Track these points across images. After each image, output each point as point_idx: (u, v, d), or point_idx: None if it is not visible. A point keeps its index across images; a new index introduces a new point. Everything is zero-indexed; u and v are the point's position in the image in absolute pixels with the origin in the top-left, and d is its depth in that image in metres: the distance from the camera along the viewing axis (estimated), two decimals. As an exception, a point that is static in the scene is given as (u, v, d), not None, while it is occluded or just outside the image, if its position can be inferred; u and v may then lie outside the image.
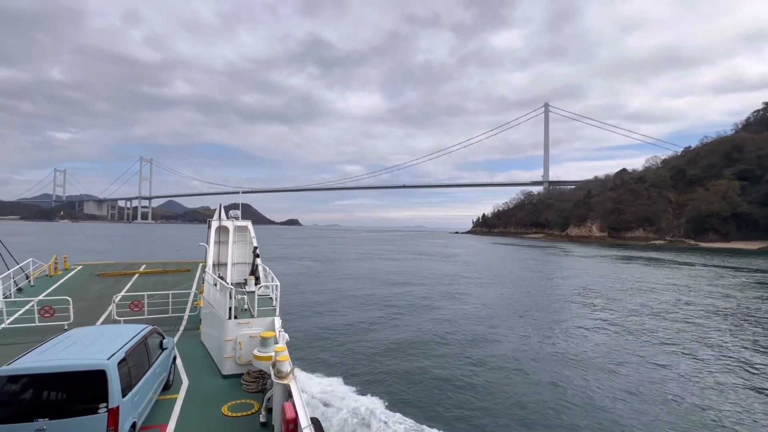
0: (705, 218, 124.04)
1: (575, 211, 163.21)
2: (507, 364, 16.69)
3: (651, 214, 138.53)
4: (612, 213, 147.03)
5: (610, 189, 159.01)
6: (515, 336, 20.97)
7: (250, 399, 8.69)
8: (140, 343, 7.68)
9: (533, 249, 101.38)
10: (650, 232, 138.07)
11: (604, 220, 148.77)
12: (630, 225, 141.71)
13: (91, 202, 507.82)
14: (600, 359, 17.47)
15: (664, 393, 14.06)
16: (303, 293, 32.35)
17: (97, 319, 13.65)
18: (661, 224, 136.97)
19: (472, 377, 15.22)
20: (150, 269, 20.34)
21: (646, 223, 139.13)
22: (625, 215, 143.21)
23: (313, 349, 18.30)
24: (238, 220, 16.79)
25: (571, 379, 15.19)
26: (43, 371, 6.01)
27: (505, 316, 25.47)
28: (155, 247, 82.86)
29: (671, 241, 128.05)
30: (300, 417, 6.13)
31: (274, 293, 11.81)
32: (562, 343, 19.73)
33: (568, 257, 75.21)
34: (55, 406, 5.91)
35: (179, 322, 13.98)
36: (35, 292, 15.51)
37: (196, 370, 10.19)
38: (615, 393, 13.96)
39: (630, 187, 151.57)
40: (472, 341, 19.93)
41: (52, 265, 18.80)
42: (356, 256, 69.75)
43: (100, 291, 16.66)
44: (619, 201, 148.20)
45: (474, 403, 13.20)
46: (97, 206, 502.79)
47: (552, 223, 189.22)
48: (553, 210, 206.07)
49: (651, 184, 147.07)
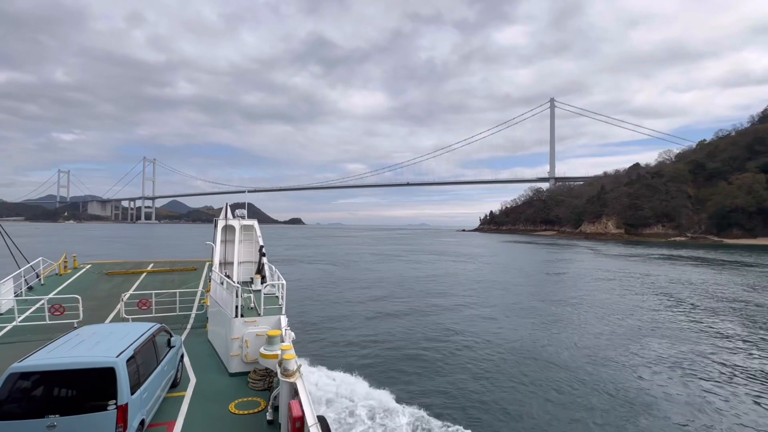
0: (728, 213, 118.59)
1: (589, 208, 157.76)
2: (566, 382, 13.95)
3: (670, 209, 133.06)
4: (629, 209, 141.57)
5: (625, 184, 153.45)
6: (577, 352, 16.72)
7: (256, 397, 8.64)
8: (148, 341, 7.63)
9: (553, 247, 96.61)
10: (669, 229, 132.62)
11: (620, 217, 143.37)
12: (648, 221, 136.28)
13: (95, 203, 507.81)
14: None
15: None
16: (326, 304, 27.96)
17: (105, 318, 13.71)
18: (681, 220, 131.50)
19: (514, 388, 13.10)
20: (157, 268, 20.36)
21: (665, 219, 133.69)
22: (642, 211, 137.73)
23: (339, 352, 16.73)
24: (244, 219, 16.63)
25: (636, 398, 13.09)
26: (54, 368, 6.02)
27: (553, 326, 21.13)
28: (156, 249, 78.87)
29: (693, 237, 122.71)
30: (306, 415, 6.08)
31: (280, 292, 11.83)
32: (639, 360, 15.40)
33: (598, 257, 70.48)
34: (65, 403, 5.92)
35: (186, 321, 13.95)
36: (46, 290, 15.73)
37: (203, 368, 10.18)
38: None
39: (647, 182, 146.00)
40: (531, 355, 16.35)
41: (62, 264, 18.93)
42: (374, 258, 64.97)
43: (109, 290, 16.72)
44: (636, 196, 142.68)
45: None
46: (101, 207, 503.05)
47: (564, 220, 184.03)
48: (563, 206, 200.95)
49: (669, 179, 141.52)
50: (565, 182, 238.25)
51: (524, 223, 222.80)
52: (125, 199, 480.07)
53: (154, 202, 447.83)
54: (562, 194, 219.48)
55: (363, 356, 16.80)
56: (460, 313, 25.23)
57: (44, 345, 6.88)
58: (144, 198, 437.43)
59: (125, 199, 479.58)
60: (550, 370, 15.40)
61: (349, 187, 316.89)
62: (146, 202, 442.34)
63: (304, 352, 15.37)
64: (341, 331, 20.65)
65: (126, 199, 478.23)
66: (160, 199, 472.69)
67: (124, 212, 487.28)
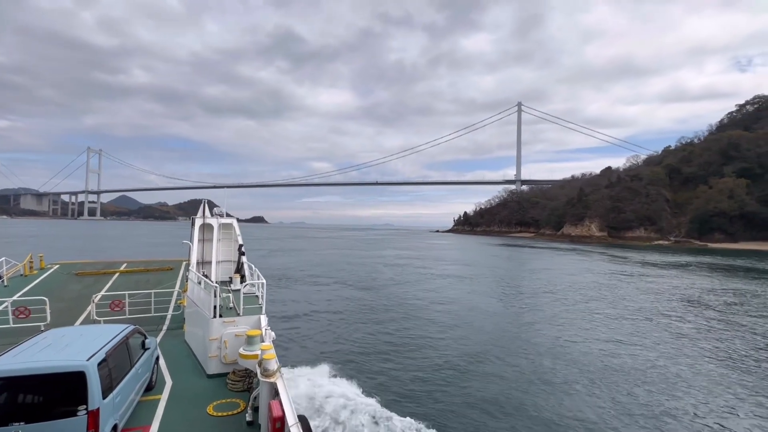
0: (711, 218, 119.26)
1: (570, 210, 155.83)
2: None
3: (651, 212, 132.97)
4: (611, 211, 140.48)
5: (605, 186, 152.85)
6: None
7: (235, 398, 8.50)
8: (121, 343, 7.42)
9: (546, 251, 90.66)
10: (651, 232, 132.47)
11: (602, 219, 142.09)
12: (631, 224, 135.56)
13: (29, 196, 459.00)
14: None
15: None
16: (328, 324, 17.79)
17: (75, 320, 13.32)
18: (662, 224, 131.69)
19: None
20: (131, 268, 19.76)
21: (647, 222, 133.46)
22: (624, 214, 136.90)
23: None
24: (223, 218, 16.22)
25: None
26: (19, 374, 5.75)
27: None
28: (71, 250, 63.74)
29: (677, 241, 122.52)
30: (287, 415, 5.99)
31: (260, 291, 11.66)
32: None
33: (598, 262, 64.42)
34: (32, 410, 5.65)
35: (162, 322, 13.67)
36: (9, 292, 15.17)
37: (179, 370, 9.97)
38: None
39: (627, 184, 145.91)
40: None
41: (27, 264, 18.22)
42: (389, 274, 54.85)
43: (79, 291, 16.20)
44: (617, 199, 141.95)
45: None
46: (37, 201, 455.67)
47: (542, 222, 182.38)
48: (538, 208, 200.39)
49: (648, 182, 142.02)
50: (531, 185, 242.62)
51: (499, 225, 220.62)
52: (65, 193, 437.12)
53: (99, 196, 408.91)
54: (537, 196, 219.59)
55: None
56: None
57: (8, 349, 6.56)
58: (88, 192, 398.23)
59: (66, 192, 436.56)
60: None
61: (316, 185, 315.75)
62: (91, 196, 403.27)
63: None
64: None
65: (66, 193, 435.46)
66: (107, 193, 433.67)
67: (64, 207, 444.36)
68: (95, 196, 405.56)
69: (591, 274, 47.50)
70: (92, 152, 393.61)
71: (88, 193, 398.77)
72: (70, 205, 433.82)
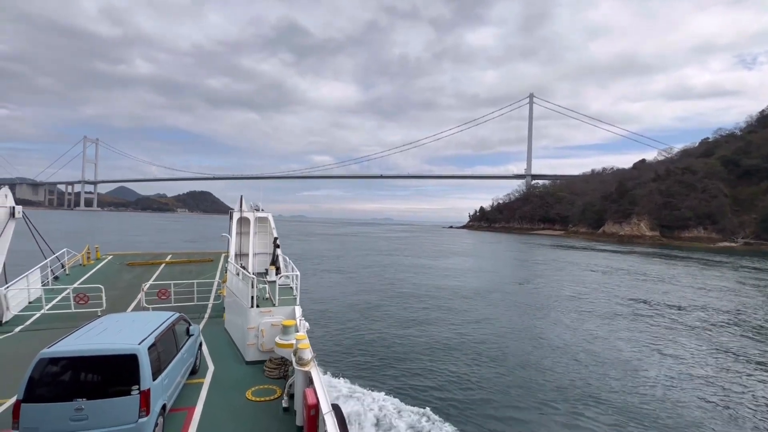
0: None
1: (612, 206, 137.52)
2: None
3: (713, 209, 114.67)
4: (663, 208, 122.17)
5: (653, 180, 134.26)
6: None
7: (272, 385, 8.72)
8: (168, 329, 7.74)
9: (618, 255, 73.07)
10: (712, 232, 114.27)
11: (652, 217, 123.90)
12: (687, 223, 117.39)
13: (24, 186, 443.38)
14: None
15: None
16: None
17: (127, 307, 14.12)
18: (725, 223, 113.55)
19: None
20: (175, 259, 20.51)
21: (708, 220, 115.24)
22: (679, 211, 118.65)
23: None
24: (259, 212, 16.70)
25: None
26: (81, 354, 6.17)
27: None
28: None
29: (747, 243, 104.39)
30: (321, 403, 6.12)
31: (295, 283, 11.96)
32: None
33: (723, 279, 46.82)
34: (91, 388, 6.05)
35: (204, 310, 14.28)
36: (70, 280, 16.18)
37: (220, 357, 10.38)
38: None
39: (679, 177, 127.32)
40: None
41: (85, 254, 19.22)
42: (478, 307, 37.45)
43: (130, 280, 17.06)
44: (670, 194, 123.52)
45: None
46: (33, 191, 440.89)
47: (572, 219, 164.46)
48: (565, 203, 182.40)
49: (704, 175, 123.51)
50: (544, 180, 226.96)
51: (519, 221, 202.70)
52: (62, 183, 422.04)
53: (96, 187, 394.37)
54: (562, 190, 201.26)
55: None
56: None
57: (71, 332, 6.98)
58: (84, 182, 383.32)
59: (62, 182, 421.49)
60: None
61: (317, 177, 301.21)
62: (87, 186, 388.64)
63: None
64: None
65: (63, 183, 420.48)
66: (105, 184, 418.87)
67: (61, 197, 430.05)
68: (92, 187, 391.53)
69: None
70: (89, 141, 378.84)
71: (84, 183, 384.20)
72: (67, 196, 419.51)
